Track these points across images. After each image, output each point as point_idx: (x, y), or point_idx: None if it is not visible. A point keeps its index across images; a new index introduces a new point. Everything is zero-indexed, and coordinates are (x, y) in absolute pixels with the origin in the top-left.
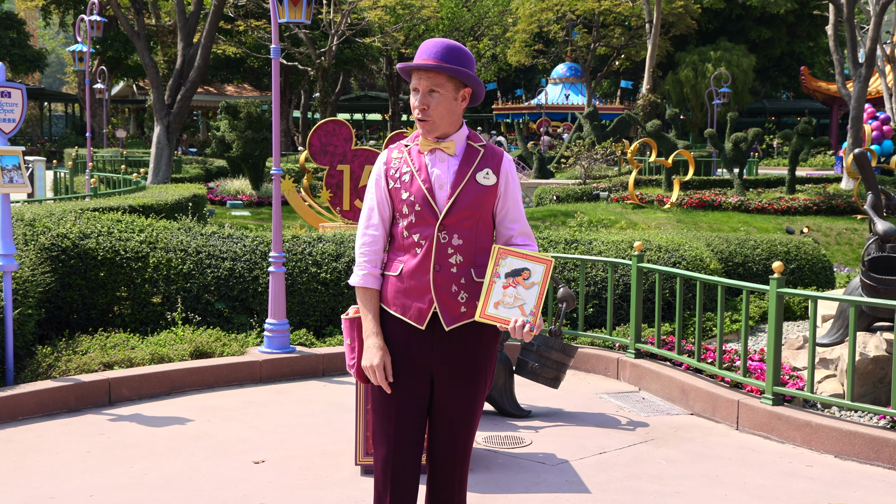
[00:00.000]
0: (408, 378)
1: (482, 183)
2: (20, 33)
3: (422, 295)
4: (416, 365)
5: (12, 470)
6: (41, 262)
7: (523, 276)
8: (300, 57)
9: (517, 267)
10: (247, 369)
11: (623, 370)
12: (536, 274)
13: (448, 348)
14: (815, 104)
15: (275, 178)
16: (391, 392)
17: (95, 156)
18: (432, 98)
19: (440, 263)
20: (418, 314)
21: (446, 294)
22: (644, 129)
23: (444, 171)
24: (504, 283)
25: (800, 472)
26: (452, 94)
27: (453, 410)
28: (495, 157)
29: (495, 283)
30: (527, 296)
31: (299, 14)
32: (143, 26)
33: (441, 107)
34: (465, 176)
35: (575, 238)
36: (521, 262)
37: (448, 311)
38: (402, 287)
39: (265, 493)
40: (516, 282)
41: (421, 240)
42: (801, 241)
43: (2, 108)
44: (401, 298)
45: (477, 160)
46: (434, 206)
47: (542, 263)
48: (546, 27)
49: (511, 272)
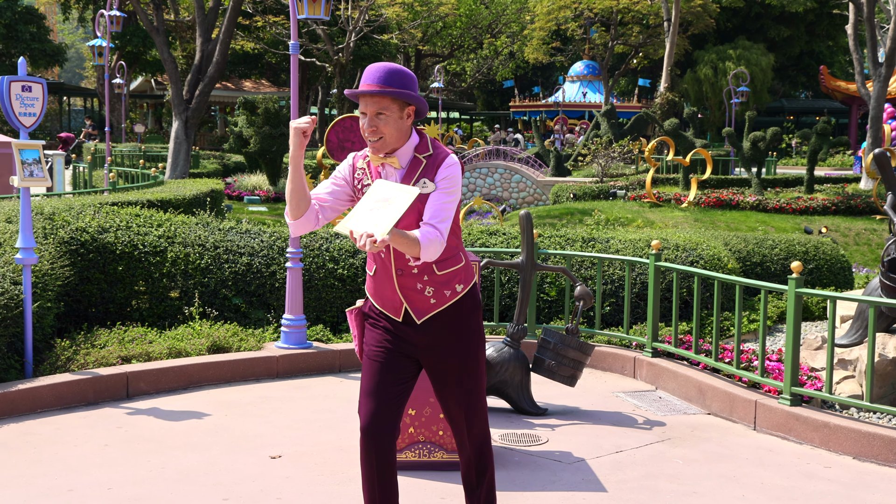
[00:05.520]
0: (389, 355)
1: (421, 192)
2: (40, 28)
3: (392, 294)
4: (399, 346)
5: (31, 462)
6: (60, 256)
7: (388, 202)
8: (318, 53)
9: (385, 195)
10: (264, 364)
11: (640, 369)
12: (399, 201)
13: (426, 335)
14: (834, 103)
15: None
16: (374, 368)
17: (114, 150)
18: (380, 120)
19: (401, 268)
20: (393, 309)
21: (413, 292)
22: (662, 127)
23: None
24: (370, 206)
25: (818, 473)
26: (398, 114)
27: (451, 372)
28: (435, 165)
29: (363, 204)
30: (383, 215)
31: (318, 10)
32: (162, 21)
33: (388, 127)
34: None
35: (592, 236)
36: (390, 191)
37: (417, 307)
38: (377, 286)
39: (282, 489)
40: (381, 205)
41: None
42: (819, 241)
43: (22, 103)
44: (378, 294)
45: (419, 171)
46: None
47: (407, 194)
48: (564, 25)
49: (379, 199)
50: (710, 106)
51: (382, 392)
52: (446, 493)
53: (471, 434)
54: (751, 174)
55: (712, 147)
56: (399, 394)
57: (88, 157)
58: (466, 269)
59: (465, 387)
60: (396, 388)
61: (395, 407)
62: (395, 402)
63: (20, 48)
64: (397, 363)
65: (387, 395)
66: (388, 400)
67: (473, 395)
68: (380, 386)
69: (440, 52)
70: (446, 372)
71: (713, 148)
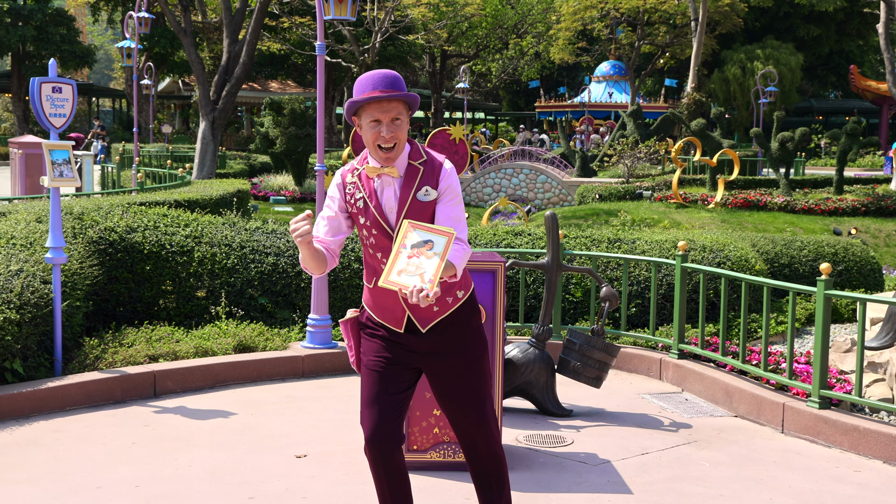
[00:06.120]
0: (388, 365)
1: (423, 200)
2: (70, 30)
3: (394, 305)
4: (398, 355)
5: (61, 459)
6: (89, 256)
7: (427, 248)
8: (344, 54)
9: (422, 239)
10: (289, 364)
11: (666, 371)
12: (438, 245)
13: (430, 344)
14: (864, 103)
15: (318, 174)
16: (373, 378)
17: (142, 151)
18: (396, 126)
19: None
20: (394, 321)
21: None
22: (688, 127)
23: (391, 196)
24: (409, 254)
25: (847, 477)
26: (407, 120)
27: (456, 377)
28: (434, 172)
29: (401, 253)
30: (427, 265)
31: (344, 11)
32: (189, 23)
33: (403, 133)
34: (408, 197)
35: (618, 237)
36: (427, 234)
37: (421, 316)
38: (378, 298)
39: (307, 488)
40: (420, 252)
41: (383, 258)
42: (849, 242)
43: (53, 104)
44: (379, 306)
45: (417, 179)
46: (387, 229)
47: (445, 236)
48: (590, 25)
49: (416, 244)
50: (738, 106)
51: (384, 402)
52: (470, 493)
53: (482, 444)
54: (779, 175)
55: (740, 147)
56: (400, 402)
57: (117, 157)
58: (465, 276)
59: (471, 391)
60: (397, 396)
61: (396, 415)
62: (397, 410)
63: (51, 50)
64: (397, 372)
65: (388, 405)
66: (390, 409)
67: (480, 401)
68: (381, 396)
69: (466, 52)
70: (451, 377)
71: (740, 148)
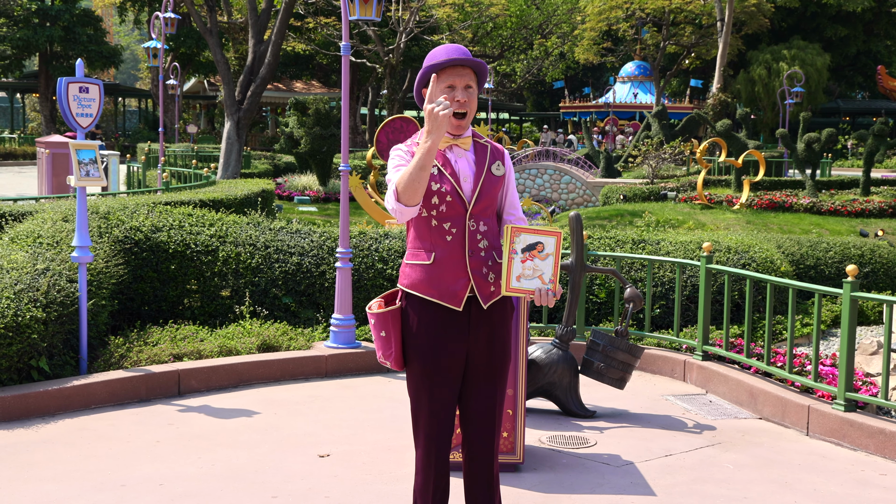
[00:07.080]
0: (446, 361)
1: (496, 174)
2: (97, 30)
3: (456, 279)
4: (453, 348)
5: (86, 457)
6: (115, 255)
7: (538, 250)
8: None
9: (531, 242)
10: (313, 363)
11: (690, 372)
12: (549, 246)
13: (482, 325)
14: (891, 104)
15: (342, 175)
16: (429, 382)
17: (167, 150)
18: (469, 93)
19: (472, 249)
20: (454, 297)
21: (479, 276)
22: (714, 128)
23: (464, 166)
24: (522, 258)
25: (873, 480)
26: (477, 92)
27: (488, 374)
28: (498, 151)
29: (514, 258)
30: (544, 266)
31: (369, 11)
32: (215, 23)
33: (474, 102)
34: (483, 169)
35: (642, 238)
36: (534, 237)
37: (483, 292)
38: (436, 273)
39: (330, 487)
40: (532, 255)
41: (452, 228)
42: (875, 244)
43: (80, 104)
44: (435, 284)
45: (488, 154)
46: (463, 197)
47: (553, 236)
48: (615, 25)
49: (526, 247)
50: (764, 107)
51: (452, 400)
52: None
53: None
54: (805, 176)
55: (765, 148)
56: (457, 397)
57: (142, 157)
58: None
59: (493, 386)
60: (456, 389)
61: (454, 415)
62: (454, 408)
63: (77, 50)
64: (459, 365)
65: (454, 403)
66: (454, 409)
67: (499, 401)
68: (450, 394)
69: (490, 52)
70: (481, 366)
71: (766, 149)
